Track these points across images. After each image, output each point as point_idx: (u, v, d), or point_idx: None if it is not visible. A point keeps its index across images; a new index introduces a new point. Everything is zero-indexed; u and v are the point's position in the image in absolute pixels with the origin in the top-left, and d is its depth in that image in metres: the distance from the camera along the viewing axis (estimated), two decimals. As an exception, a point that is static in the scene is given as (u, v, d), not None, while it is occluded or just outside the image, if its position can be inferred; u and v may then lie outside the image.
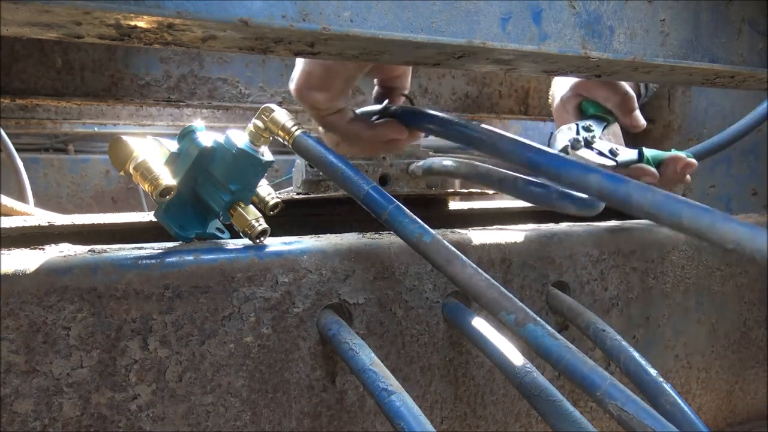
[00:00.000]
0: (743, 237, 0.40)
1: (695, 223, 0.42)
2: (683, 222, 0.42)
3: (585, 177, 0.49)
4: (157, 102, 0.95)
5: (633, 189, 0.45)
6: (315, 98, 0.63)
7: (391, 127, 0.66)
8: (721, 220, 0.41)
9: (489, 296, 0.50)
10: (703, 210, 0.42)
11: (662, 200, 0.43)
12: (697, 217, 0.42)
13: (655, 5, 0.53)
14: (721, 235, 0.41)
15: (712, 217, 0.41)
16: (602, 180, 0.47)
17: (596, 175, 0.48)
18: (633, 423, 0.45)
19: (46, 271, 0.46)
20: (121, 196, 3.00)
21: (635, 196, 0.45)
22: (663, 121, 1.31)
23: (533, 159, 0.53)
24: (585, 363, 0.47)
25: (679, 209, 0.43)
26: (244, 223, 0.56)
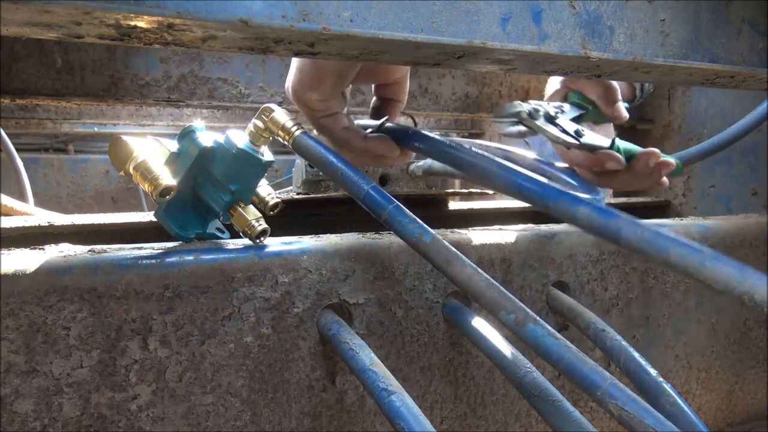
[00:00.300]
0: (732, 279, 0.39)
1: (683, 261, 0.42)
2: (671, 259, 0.42)
3: (574, 209, 0.49)
4: (157, 102, 0.95)
5: (623, 224, 0.45)
6: (308, 97, 0.63)
7: (383, 143, 0.66)
8: (709, 260, 0.40)
9: (489, 296, 0.50)
10: (691, 249, 0.41)
11: (651, 237, 0.43)
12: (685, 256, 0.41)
13: (655, 5, 0.53)
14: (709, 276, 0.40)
15: (701, 257, 0.41)
16: (591, 213, 0.47)
17: (585, 207, 0.48)
18: (634, 423, 0.45)
19: (46, 271, 0.46)
20: (121, 196, 3.00)
21: (624, 230, 0.45)
22: (663, 121, 1.31)
23: (524, 186, 0.53)
24: (585, 363, 0.47)
25: (667, 247, 0.42)
26: (244, 223, 0.56)
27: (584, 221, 0.48)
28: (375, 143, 0.66)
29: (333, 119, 0.65)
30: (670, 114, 1.30)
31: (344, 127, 0.65)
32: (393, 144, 0.66)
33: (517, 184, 0.54)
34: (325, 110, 0.64)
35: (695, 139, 1.23)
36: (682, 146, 1.25)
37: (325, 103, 0.64)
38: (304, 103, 0.64)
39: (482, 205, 1.09)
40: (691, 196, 1.26)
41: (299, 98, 0.64)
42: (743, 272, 0.39)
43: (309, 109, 0.65)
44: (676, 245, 0.42)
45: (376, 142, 0.66)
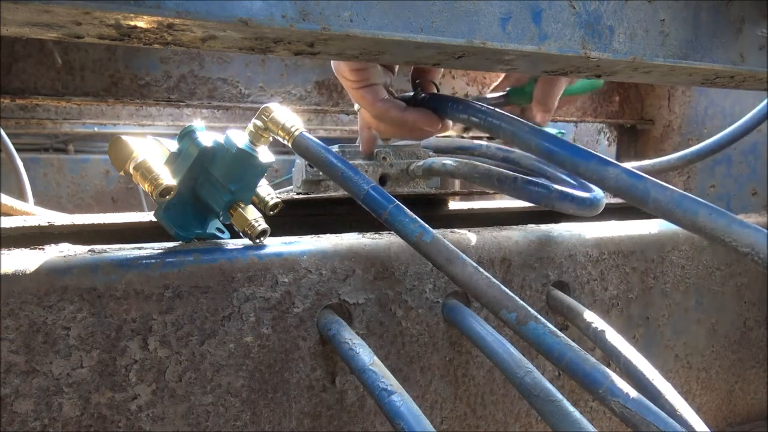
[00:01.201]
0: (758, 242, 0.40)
1: (711, 224, 0.42)
2: (699, 222, 0.42)
3: (604, 170, 0.49)
4: (157, 102, 0.95)
5: (651, 186, 0.45)
6: (342, 67, 0.64)
7: (423, 115, 0.65)
8: (737, 224, 0.41)
9: (490, 295, 0.50)
10: (720, 212, 0.41)
11: (679, 199, 0.43)
12: (714, 218, 0.41)
13: (655, 5, 0.53)
14: (736, 239, 0.40)
15: (729, 220, 0.41)
16: (620, 174, 0.47)
17: (615, 169, 0.48)
18: (636, 420, 0.45)
19: (46, 271, 0.46)
20: (121, 196, 3.00)
21: (653, 193, 0.45)
22: (663, 121, 1.31)
23: (555, 149, 0.53)
24: (587, 361, 0.47)
25: (695, 209, 0.42)
26: (244, 223, 0.56)
27: (612, 183, 0.48)
28: (414, 115, 0.65)
29: (370, 90, 0.65)
30: (670, 114, 1.30)
31: (382, 99, 0.65)
32: (433, 116, 0.65)
33: (548, 148, 0.54)
34: (362, 80, 0.64)
35: (695, 139, 1.22)
36: (682, 146, 1.25)
37: (360, 73, 0.64)
38: (341, 75, 0.65)
39: (482, 205, 1.09)
40: (691, 196, 1.25)
41: (338, 70, 0.65)
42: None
43: (346, 79, 0.65)
44: (704, 207, 0.42)
45: (415, 113, 0.65)
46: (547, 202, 0.68)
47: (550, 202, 0.68)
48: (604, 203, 0.70)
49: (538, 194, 0.69)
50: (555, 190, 0.68)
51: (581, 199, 0.68)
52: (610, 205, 0.83)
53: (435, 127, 0.65)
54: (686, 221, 0.43)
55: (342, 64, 0.64)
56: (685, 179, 1.26)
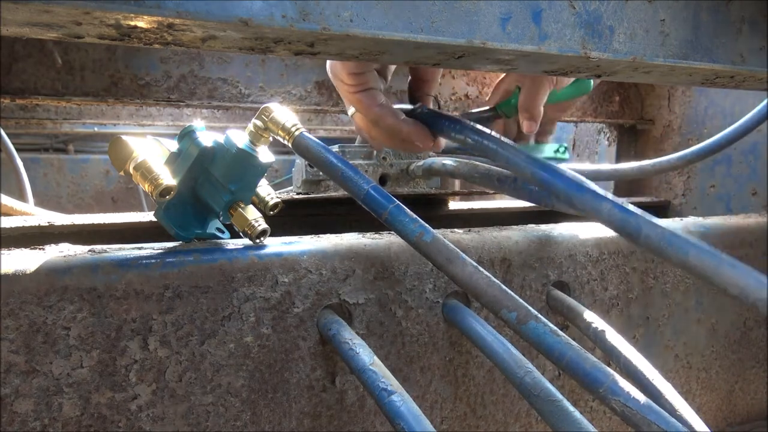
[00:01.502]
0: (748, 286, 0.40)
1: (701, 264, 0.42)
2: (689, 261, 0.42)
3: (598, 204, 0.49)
4: (157, 102, 0.95)
5: (643, 223, 0.45)
6: (338, 70, 0.63)
7: (417, 129, 0.64)
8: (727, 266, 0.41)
9: (490, 294, 0.50)
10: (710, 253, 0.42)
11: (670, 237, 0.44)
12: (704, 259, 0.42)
13: (655, 5, 0.53)
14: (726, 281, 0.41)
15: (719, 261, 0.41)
16: (612, 209, 0.47)
17: (608, 204, 0.48)
18: (636, 419, 0.45)
19: (46, 271, 0.46)
20: (121, 196, 3.00)
21: (645, 229, 0.45)
22: (663, 121, 1.31)
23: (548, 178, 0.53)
24: (587, 360, 0.47)
25: (686, 248, 0.43)
26: (244, 223, 0.56)
27: (605, 218, 0.48)
28: (409, 127, 0.64)
29: (367, 94, 0.64)
30: (670, 114, 1.30)
31: (379, 104, 0.65)
32: (427, 132, 0.65)
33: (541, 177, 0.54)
34: (359, 85, 0.64)
35: (695, 139, 1.23)
36: (682, 146, 1.25)
37: (358, 77, 0.63)
38: (338, 78, 0.64)
39: (482, 205, 1.09)
40: (691, 196, 1.26)
41: (334, 72, 0.64)
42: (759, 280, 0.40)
43: (343, 84, 0.65)
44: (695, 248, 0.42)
45: (410, 126, 0.64)
46: (547, 203, 0.68)
47: (550, 202, 0.68)
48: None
49: (538, 194, 0.69)
50: (555, 190, 0.68)
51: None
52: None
53: (427, 144, 0.65)
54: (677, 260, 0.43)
55: (339, 68, 0.64)
56: (685, 179, 1.26)
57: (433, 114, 0.66)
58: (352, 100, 0.66)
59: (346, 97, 0.67)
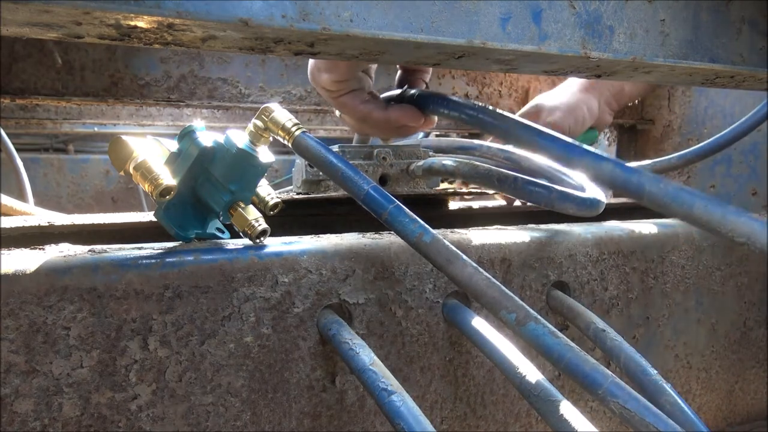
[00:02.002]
0: (755, 232, 0.40)
1: (706, 215, 0.42)
2: (694, 213, 0.42)
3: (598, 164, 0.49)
4: (157, 102, 0.95)
5: (645, 179, 0.45)
6: (323, 78, 0.64)
7: (405, 112, 0.65)
8: (733, 214, 0.41)
9: (489, 295, 0.50)
10: (715, 203, 0.41)
11: (674, 191, 0.43)
12: (709, 209, 0.41)
13: (655, 5, 0.53)
14: (732, 229, 0.40)
15: (724, 210, 0.41)
16: (615, 168, 0.47)
17: (609, 163, 0.48)
18: (635, 421, 0.45)
19: (46, 271, 0.46)
20: (121, 196, 3.00)
21: (647, 186, 0.45)
22: (663, 121, 1.31)
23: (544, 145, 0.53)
24: (586, 361, 0.47)
25: (691, 200, 0.42)
26: (244, 223, 0.56)
27: (608, 176, 0.48)
28: (397, 113, 0.65)
29: (351, 96, 0.65)
30: (670, 114, 1.30)
31: (364, 101, 0.65)
32: (416, 111, 0.65)
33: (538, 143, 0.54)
34: (342, 89, 0.65)
35: (695, 139, 1.23)
36: (682, 146, 1.25)
37: (341, 84, 0.64)
38: (320, 85, 0.65)
39: (482, 205, 1.09)
40: (691, 196, 1.26)
41: (315, 80, 0.65)
42: (764, 226, 0.39)
43: (325, 90, 0.65)
44: (699, 199, 0.42)
45: (397, 111, 0.65)
46: (547, 203, 0.68)
47: (550, 202, 0.68)
48: (605, 204, 0.70)
49: (539, 194, 0.69)
50: (555, 191, 0.68)
51: (581, 200, 0.68)
52: (610, 205, 0.83)
53: (418, 122, 0.65)
54: (682, 212, 0.43)
55: (321, 77, 0.64)
56: (685, 179, 1.26)
57: (422, 95, 0.66)
58: (337, 105, 0.67)
59: (330, 102, 0.67)
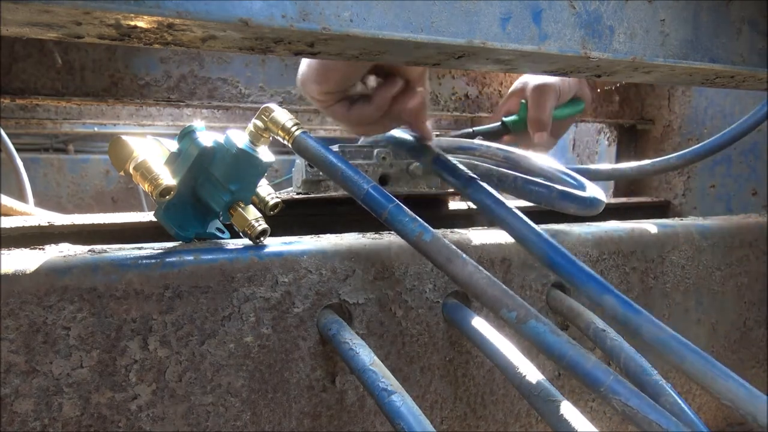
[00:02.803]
0: (741, 397, 0.42)
1: (696, 371, 0.44)
2: (683, 366, 0.45)
3: (600, 296, 0.50)
4: (157, 102, 0.95)
5: (645, 321, 0.47)
6: (311, 89, 0.64)
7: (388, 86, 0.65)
8: (723, 376, 0.43)
9: (490, 294, 0.50)
10: (706, 361, 0.44)
11: (670, 340, 0.46)
12: (700, 366, 0.44)
13: (655, 5, 0.53)
14: (719, 390, 0.43)
15: (714, 370, 0.43)
16: (616, 304, 0.49)
17: (611, 297, 0.49)
18: (638, 418, 0.45)
19: (46, 271, 0.46)
20: (121, 196, 3.00)
21: (645, 328, 0.48)
22: (663, 121, 1.31)
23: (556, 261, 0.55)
24: (588, 359, 0.47)
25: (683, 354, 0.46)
26: (244, 223, 0.56)
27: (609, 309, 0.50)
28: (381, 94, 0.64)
29: (341, 104, 0.65)
30: (670, 114, 1.30)
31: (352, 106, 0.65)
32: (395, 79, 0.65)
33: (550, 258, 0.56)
34: (330, 100, 0.65)
35: (695, 139, 1.23)
36: (682, 146, 1.25)
37: (330, 95, 0.64)
38: (310, 95, 0.65)
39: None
40: (691, 196, 1.26)
41: (305, 89, 0.65)
42: (752, 395, 0.43)
43: (314, 99, 0.65)
44: (692, 354, 0.45)
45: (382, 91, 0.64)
46: (547, 202, 0.68)
47: (550, 202, 0.68)
48: (605, 203, 0.70)
49: (539, 194, 0.69)
50: (555, 190, 0.68)
51: (581, 199, 0.68)
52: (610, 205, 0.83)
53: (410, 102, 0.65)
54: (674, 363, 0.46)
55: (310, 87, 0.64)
56: (685, 179, 1.26)
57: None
58: (328, 114, 0.67)
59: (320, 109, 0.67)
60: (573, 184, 0.74)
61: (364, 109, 0.65)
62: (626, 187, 1.38)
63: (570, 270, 0.53)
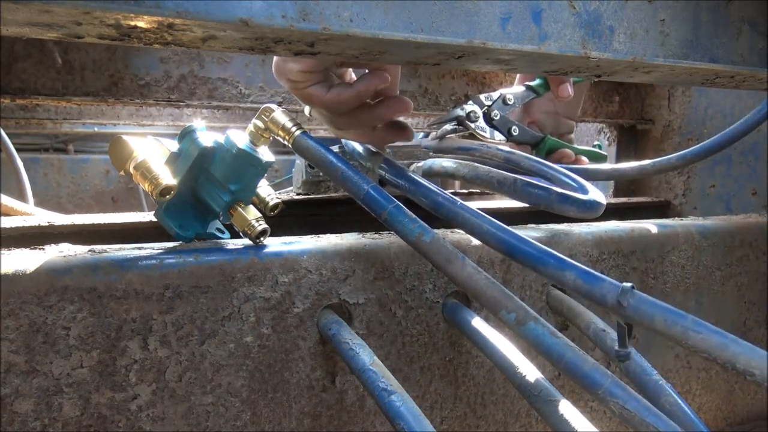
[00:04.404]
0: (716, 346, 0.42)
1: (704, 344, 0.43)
2: (655, 326, 0.44)
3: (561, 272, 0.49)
4: (157, 102, 0.95)
5: (607, 287, 0.46)
6: (289, 68, 0.62)
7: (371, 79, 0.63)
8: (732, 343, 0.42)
9: (489, 295, 0.50)
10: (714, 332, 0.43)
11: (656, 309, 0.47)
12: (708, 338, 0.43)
13: (655, 5, 0.53)
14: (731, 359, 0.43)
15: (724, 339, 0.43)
16: (577, 277, 0.48)
17: (572, 272, 0.48)
18: (635, 421, 0.45)
19: (46, 271, 0.46)
20: (121, 196, 3.00)
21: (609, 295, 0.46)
22: (663, 121, 1.31)
23: (509, 243, 0.53)
24: (586, 361, 0.47)
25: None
26: (244, 223, 0.56)
27: (570, 284, 0.49)
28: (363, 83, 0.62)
29: (318, 86, 0.64)
30: (670, 114, 1.30)
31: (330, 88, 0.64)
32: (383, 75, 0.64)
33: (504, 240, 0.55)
34: (309, 80, 0.63)
35: (695, 139, 1.23)
36: (682, 146, 1.25)
37: (308, 75, 0.63)
38: (286, 77, 0.64)
39: (482, 205, 1.09)
40: (691, 196, 1.26)
41: (281, 71, 0.63)
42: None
43: (291, 81, 0.64)
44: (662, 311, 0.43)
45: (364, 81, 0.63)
46: (547, 205, 0.68)
47: (550, 204, 0.68)
48: (605, 206, 0.70)
49: (538, 196, 0.68)
50: (555, 193, 0.68)
51: (581, 202, 0.68)
52: (610, 205, 0.83)
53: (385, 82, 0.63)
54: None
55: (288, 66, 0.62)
56: (685, 179, 1.26)
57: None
58: (304, 97, 0.65)
59: (296, 95, 0.66)
60: (573, 186, 0.74)
61: (342, 91, 0.63)
62: (626, 187, 1.38)
63: (524, 250, 0.51)
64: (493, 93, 0.95)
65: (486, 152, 0.87)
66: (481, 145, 0.88)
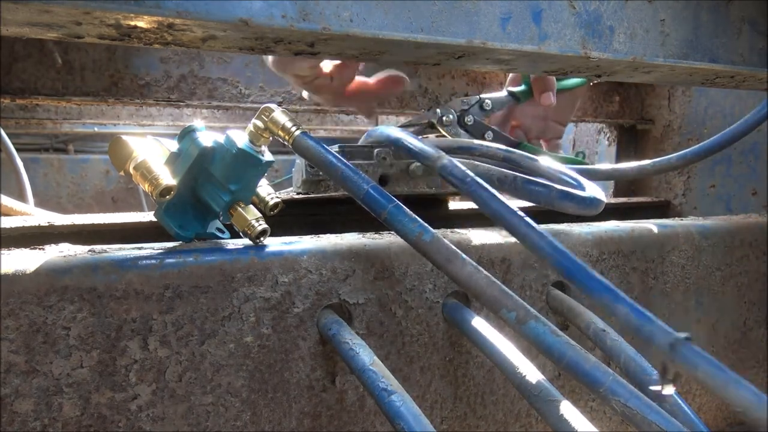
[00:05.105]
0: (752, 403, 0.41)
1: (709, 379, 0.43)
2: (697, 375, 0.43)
3: (613, 306, 0.49)
4: (157, 102, 0.95)
5: (657, 329, 0.46)
6: (298, 66, 0.63)
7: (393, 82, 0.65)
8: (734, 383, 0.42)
9: (489, 294, 0.50)
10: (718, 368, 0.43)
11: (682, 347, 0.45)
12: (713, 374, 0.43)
13: (655, 5, 0.53)
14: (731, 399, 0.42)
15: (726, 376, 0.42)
16: (629, 313, 0.48)
17: (625, 306, 0.48)
18: (637, 419, 0.45)
19: (46, 271, 0.46)
20: (121, 196, 3.00)
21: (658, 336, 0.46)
22: (663, 121, 1.31)
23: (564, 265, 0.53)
24: (587, 360, 0.47)
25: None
26: (244, 223, 0.56)
27: (622, 319, 0.48)
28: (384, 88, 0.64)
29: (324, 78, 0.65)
30: (670, 114, 1.30)
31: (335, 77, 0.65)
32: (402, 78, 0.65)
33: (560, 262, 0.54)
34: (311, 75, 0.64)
35: (695, 139, 1.23)
36: (682, 146, 1.25)
37: (315, 69, 0.63)
38: (293, 72, 0.64)
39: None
40: (691, 196, 1.26)
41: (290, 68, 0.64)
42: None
43: (298, 77, 0.65)
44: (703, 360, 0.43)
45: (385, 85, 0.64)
46: (547, 202, 0.68)
47: (550, 201, 0.68)
48: (605, 203, 0.70)
49: (539, 194, 0.68)
50: (555, 190, 0.67)
51: (581, 199, 0.68)
52: (610, 205, 0.83)
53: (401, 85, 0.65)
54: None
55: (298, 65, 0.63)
56: (685, 179, 1.26)
57: None
58: (312, 90, 0.66)
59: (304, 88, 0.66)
60: (573, 184, 0.74)
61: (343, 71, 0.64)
62: (626, 187, 1.38)
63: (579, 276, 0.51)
64: (471, 98, 0.96)
65: (486, 151, 0.87)
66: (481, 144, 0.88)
